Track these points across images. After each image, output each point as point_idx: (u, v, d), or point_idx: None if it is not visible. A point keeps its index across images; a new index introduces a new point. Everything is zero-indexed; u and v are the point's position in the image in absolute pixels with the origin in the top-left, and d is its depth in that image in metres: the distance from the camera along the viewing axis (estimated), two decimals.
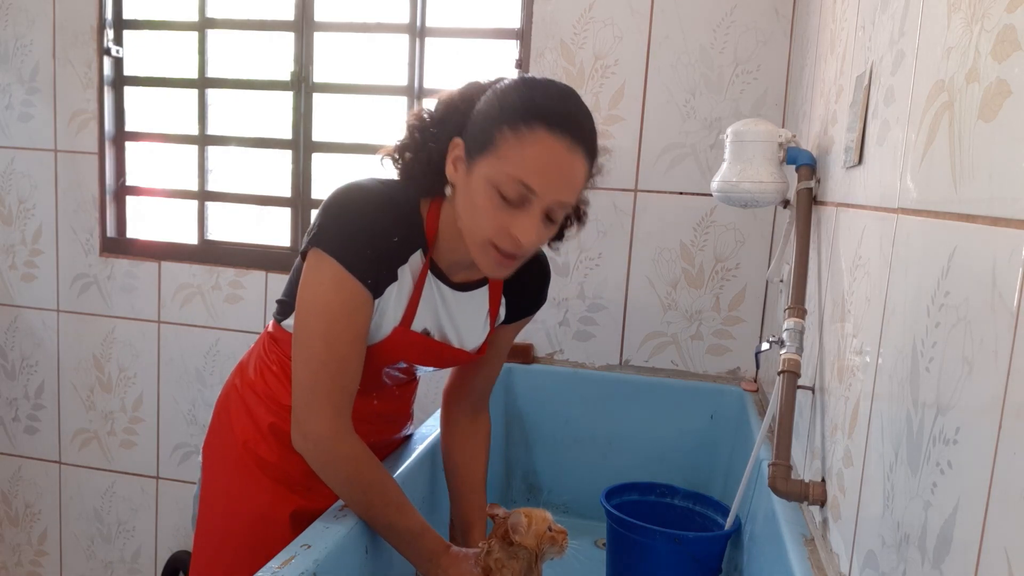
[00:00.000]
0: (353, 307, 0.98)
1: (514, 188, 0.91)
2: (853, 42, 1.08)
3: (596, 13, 1.86)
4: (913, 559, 0.63)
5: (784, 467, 0.98)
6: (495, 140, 0.92)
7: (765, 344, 1.21)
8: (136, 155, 2.28)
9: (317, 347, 0.98)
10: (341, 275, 0.97)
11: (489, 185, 0.92)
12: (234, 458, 1.15)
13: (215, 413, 1.22)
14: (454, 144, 0.98)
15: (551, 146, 0.91)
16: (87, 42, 2.16)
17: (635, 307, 1.92)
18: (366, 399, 1.15)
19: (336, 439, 1.00)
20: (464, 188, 0.97)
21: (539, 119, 0.90)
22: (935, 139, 0.65)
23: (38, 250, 2.28)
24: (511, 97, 0.93)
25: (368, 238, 0.98)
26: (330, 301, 0.97)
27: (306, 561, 0.89)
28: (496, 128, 0.92)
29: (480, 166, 0.93)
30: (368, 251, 0.98)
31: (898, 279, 0.75)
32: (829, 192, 1.16)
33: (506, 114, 0.92)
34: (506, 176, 0.91)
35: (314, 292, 0.99)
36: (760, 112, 1.80)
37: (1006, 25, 0.52)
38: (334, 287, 0.97)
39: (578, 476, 1.86)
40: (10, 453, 2.40)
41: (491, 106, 0.94)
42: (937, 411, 0.60)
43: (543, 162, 0.91)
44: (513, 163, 0.91)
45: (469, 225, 0.97)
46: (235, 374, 1.22)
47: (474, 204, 0.95)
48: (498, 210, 0.93)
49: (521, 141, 0.90)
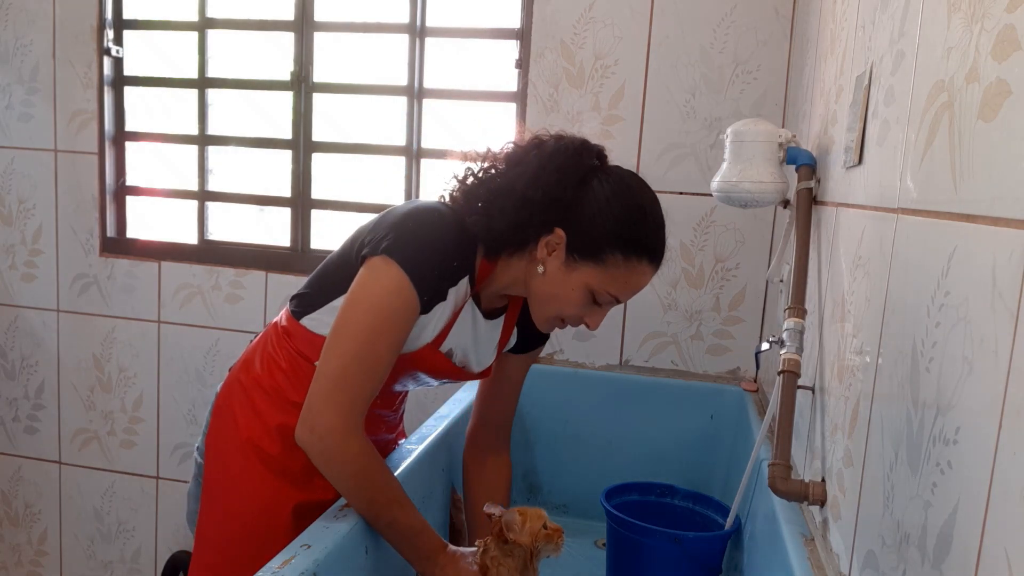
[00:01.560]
0: (404, 315, 1.02)
1: (608, 300, 1.09)
2: (853, 42, 1.08)
3: (596, 13, 1.86)
4: (913, 559, 0.63)
5: (784, 467, 0.98)
6: (605, 258, 1.05)
7: (765, 344, 1.21)
8: (136, 155, 2.28)
9: (357, 341, 1.00)
10: (403, 282, 1.01)
11: (587, 290, 1.07)
12: (237, 453, 1.16)
13: (216, 408, 1.22)
14: (556, 233, 1.06)
15: (648, 275, 1.09)
16: (87, 42, 2.16)
17: (635, 307, 1.92)
18: None
19: (345, 433, 1.00)
20: (557, 279, 1.08)
21: (648, 255, 1.07)
22: (935, 139, 0.65)
23: (38, 250, 2.28)
24: (630, 225, 1.05)
25: (436, 257, 1.04)
26: (385, 303, 1.01)
27: (306, 561, 0.89)
28: (609, 247, 1.05)
29: (583, 271, 1.06)
30: (434, 270, 1.04)
31: (898, 279, 0.75)
32: (829, 192, 1.16)
33: (622, 241, 1.05)
34: (605, 291, 1.07)
35: (371, 290, 1.02)
36: (760, 112, 1.80)
37: (1006, 25, 0.52)
38: (393, 290, 1.01)
39: (578, 476, 1.86)
40: (10, 453, 2.40)
41: (608, 220, 1.04)
42: (937, 411, 0.60)
43: (639, 287, 1.10)
44: (615, 284, 1.07)
45: (550, 306, 1.10)
46: (239, 368, 1.22)
47: (565, 296, 1.08)
48: (585, 306, 1.10)
49: (629, 270, 1.06)
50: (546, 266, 1.08)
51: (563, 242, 1.06)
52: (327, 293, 1.12)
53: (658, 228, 1.09)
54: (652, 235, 1.08)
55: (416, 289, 1.02)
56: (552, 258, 1.07)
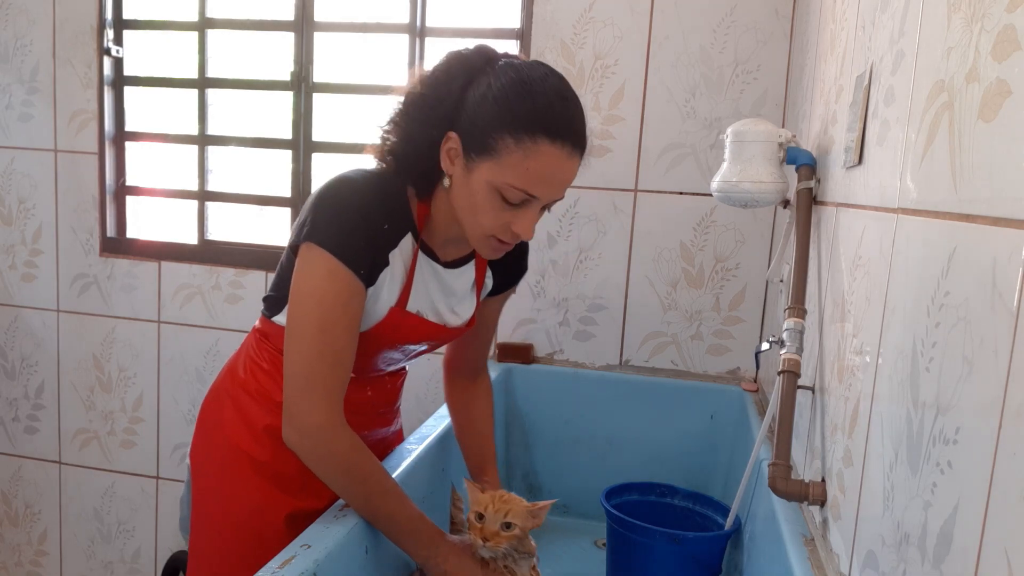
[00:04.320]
0: (347, 297, 0.99)
1: (517, 195, 0.97)
2: (853, 42, 1.08)
3: (596, 13, 1.86)
4: (913, 559, 0.62)
5: (784, 467, 0.98)
6: (497, 147, 0.95)
7: (765, 344, 1.21)
8: (136, 155, 2.28)
9: (312, 338, 0.98)
10: (334, 266, 0.98)
11: (491, 188, 0.97)
12: (226, 461, 1.15)
13: (202, 417, 1.21)
14: (449, 138, 0.99)
15: (553, 156, 0.95)
16: (87, 42, 2.16)
17: (635, 307, 1.92)
18: (360, 390, 1.16)
19: (331, 430, 0.99)
20: (463, 185, 1.00)
21: (542, 130, 0.94)
22: (935, 139, 0.65)
23: (38, 250, 2.28)
24: (512, 104, 0.94)
25: (359, 229, 0.99)
26: (325, 292, 0.98)
27: (306, 561, 0.89)
28: (498, 135, 0.94)
29: (481, 170, 0.97)
30: (360, 242, 0.99)
31: (898, 279, 0.75)
32: (829, 192, 1.16)
33: (507, 122, 0.94)
34: (508, 185, 0.96)
35: (308, 284, 0.99)
36: (760, 112, 1.80)
37: (1006, 25, 0.52)
38: (328, 278, 0.98)
39: (578, 476, 1.86)
40: (10, 453, 2.40)
41: (490, 109, 0.95)
42: (937, 411, 0.60)
43: (545, 172, 0.96)
44: (516, 174, 0.95)
45: (469, 220, 1.02)
46: (223, 377, 1.21)
47: (475, 203, 0.99)
48: (500, 210, 0.99)
49: (524, 153, 0.94)
50: (452, 177, 1.01)
51: (458, 144, 0.98)
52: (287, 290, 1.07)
53: (551, 100, 0.95)
54: (542, 109, 0.94)
55: (349, 267, 0.98)
56: (456, 167, 1.00)
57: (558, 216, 1.93)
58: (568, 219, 1.92)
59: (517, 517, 1.04)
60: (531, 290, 1.96)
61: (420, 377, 2.02)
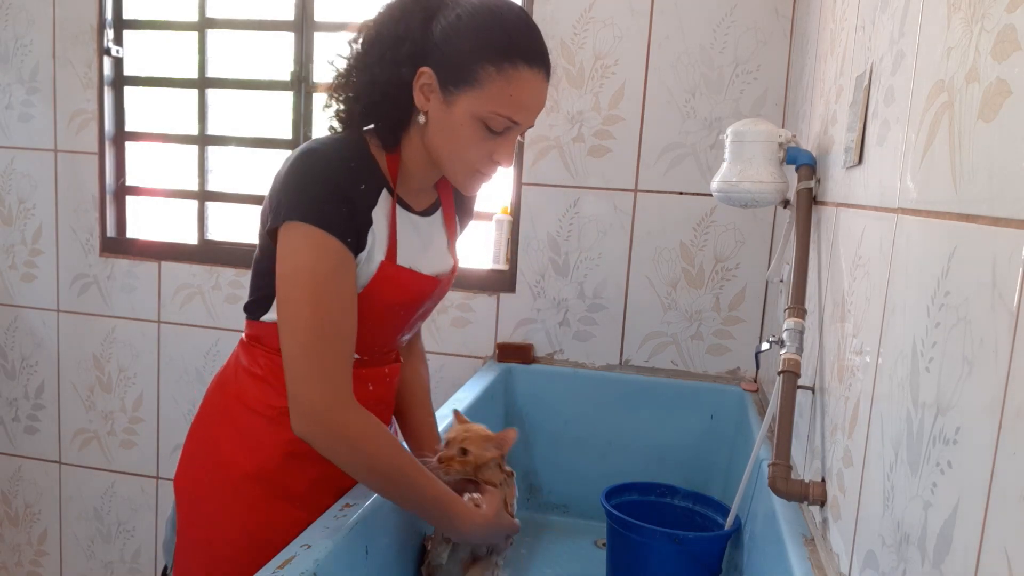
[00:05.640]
0: (337, 266, 0.96)
1: (501, 123, 0.98)
2: (853, 42, 1.08)
3: (596, 13, 1.86)
4: (913, 559, 0.62)
5: (784, 467, 0.98)
6: (478, 77, 0.95)
7: (765, 344, 1.21)
8: (136, 155, 2.28)
9: (305, 315, 0.94)
10: (320, 238, 0.94)
11: (475, 119, 0.97)
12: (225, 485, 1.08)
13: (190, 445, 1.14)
14: (422, 73, 0.98)
15: (532, 81, 0.98)
16: (87, 42, 2.16)
17: (635, 307, 1.92)
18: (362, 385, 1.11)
19: (341, 411, 0.95)
20: (442, 120, 0.99)
21: (521, 58, 0.96)
22: (935, 139, 0.65)
23: (38, 250, 2.28)
24: (489, 32, 0.96)
25: (337, 195, 0.96)
26: (314, 266, 0.94)
27: (306, 561, 0.89)
28: (478, 64, 0.95)
29: (462, 102, 0.97)
30: (342, 208, 0.96)
31: (898, 279, 0.75)
32: (829, 192, 1.16)
33: (487, 51, 0.95)
34: (493, 113, 0.97)
35: (295, 262, 0.95)
36: (760, 112, 1.80)
37: (1006, 25, 0.52)
38: (315, 252, 0.94)
39: (578, 476, 1.86)
40: (10, 453, 2.40)
41: (465, 40, 0.96)
42: (937, 411, 0.60)
43: (527, 98, 0.98)
44: (500, 101, 0.96)
45: (451, 155, 1.01)
46: (211, 398, 1.14)
47: (457, 136, 0.99)
48: (483, 141, 0.99)
49: (507, 80, 0.96)
50: (429, 114, 1.00)
51: (433, 79, 0.97)
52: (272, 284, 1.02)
53: (522, 27, 0.98)
54: (517, 36, 0.97)
55: (336, 235, 0.95)
56: (432, 102, 0.99)
57: (558, 216, 1.93)
58: (568, 219, 1.92)
59: (473, 444, 1.13)
60: (531, 290, 1.96)
61: None
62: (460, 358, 2.02)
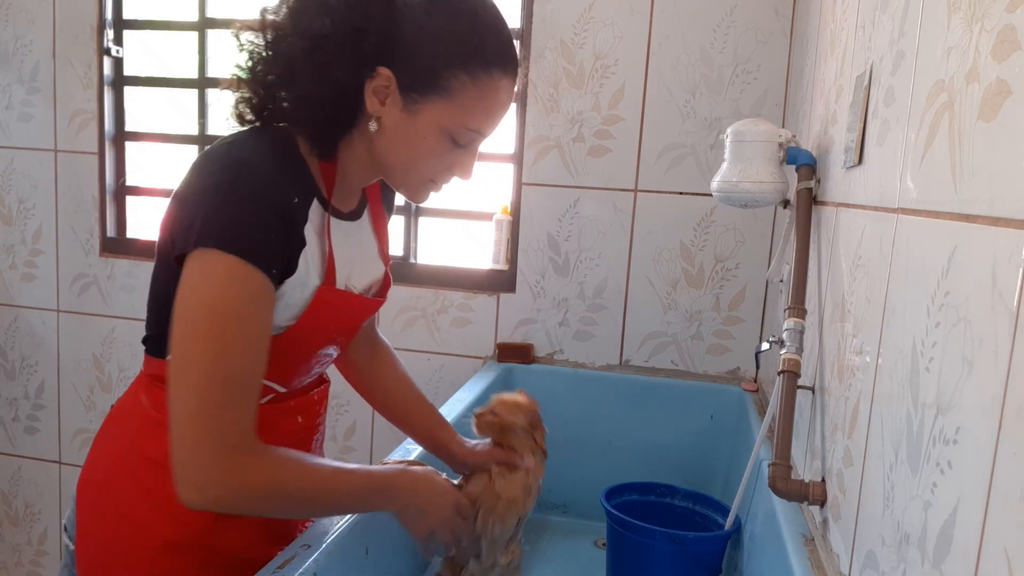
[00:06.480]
0: (252, 304, 0.79)
1: (469, 136, 0.88)
2: (853, 42, 1.08)
3: (596, 13, 1.86)
4: (913, 559, 0.63)
5: (784, 467, 0.98)
6: (449, 85, 0.84)
7: (765, 344, 1.21)
8: (136, 155, 2.28)
9: (207, 359, 0.77)
10: (238, 269, 0.77)
11: (440, 131, 0.86)
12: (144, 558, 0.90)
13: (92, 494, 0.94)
14: (378, 74, 0.83)
15: (508, 91, 0.89)
16: (87, 42, 2.16)
17: (635, 307, 1.92)
18: (289, 418, 0.99)
19: (242, 468, 0.78)
20: (400, 130, 0.86)
21: (497, 65, 0.85)
22: (935, 139, 0.65)
23: (38, 250, 2.28)
24: (461, 36, 0.84)
25: (270, 218, 0.80)
26: (219, 302, 0.77)
27: (306, 561, 0.89)
28: (448, 71, 0.83)
29: (429, 111, 0.85)
30: (272, 234, 0.80)
31: (898, 279, 0.75)
32: (829, 192, 1.16)
33: (459, 57, 0.83)
34: (461, 126, 0.86)
35: (200, 296, 0.78)
36: (760, 112, 1.80)
37: (1006, 25, 0.52)
38: (224, 284, 0.77)
39: (578, 476, 1.86)
40: (10, 453, 2.40)
41: (437, 40, 0.83)
42: (937, 411, 0.60)
43: (500, 109, 0.89)
44: (472, 114, 0.86)
45: (406, 165, 0.89)
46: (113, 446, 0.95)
47: (417, 149, 0.87)
48: (446, 153, 0.89)
49: (481, 90, 0.85)
50: (383, 120, 0.86)
51: (392, 83, 0.84)
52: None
53: (499, 29, 0.87)
54: (494, 39, 0.86)
55: (260, 266, 0.78)
56: (387, 107, 0.85)
57: (558, 216, 1.93)
58: (568, 219, 1.92)
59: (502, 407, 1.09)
60: (531, 290, 1.96)
61: (418, 377, 2.02)
62: (460, 358, 2.02)
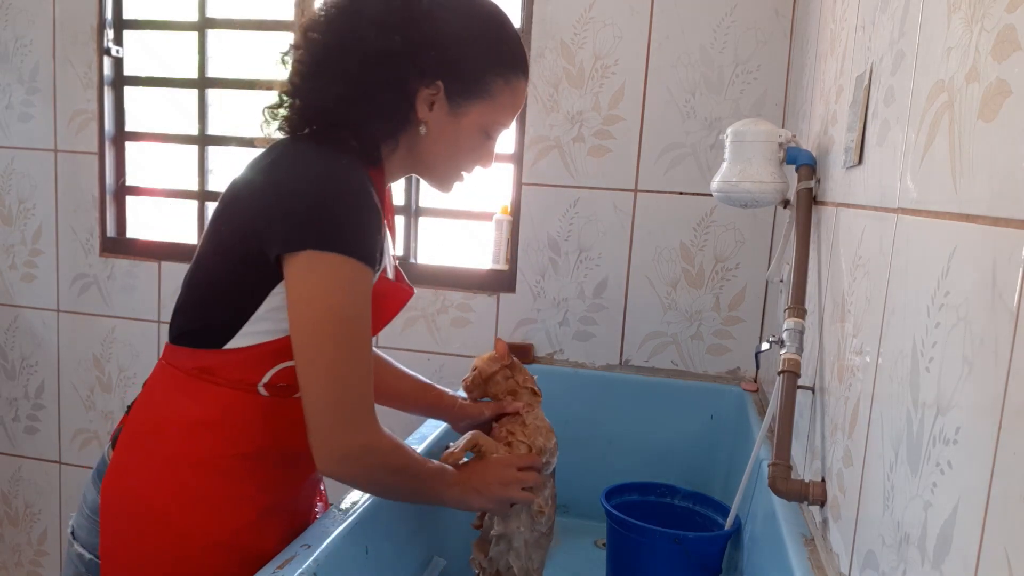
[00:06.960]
0: (365, 297, 0.89)
1: (500, 130, 1.03)
2: (853, 42, 1.08)
3: (596, 13, 1.86)
4: (913, 559, 0.62)
5: (784, 467, 0.98)
6: (491, 88, 0.98)
7: (765, 344, 1.21)
8: (136, 155, 2.28)
9: (341, 353, 0.86)
10: (355, 272, 0.86)
11: (480, 130, 1.00)
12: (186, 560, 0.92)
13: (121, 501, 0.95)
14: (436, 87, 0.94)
15: (524, 91, 1.03)
16: (87, 42, 2.16)
17: (635, 307, 1.92)
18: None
19: (378, 442, 0.91)
20: (447, 131, 0.99)
21: (522, 67, 1.01)
22: (935, 139, 0.65)
23: (38, 250, 2.28)
24: (497, 45, 0.98)
25: (373, 222, 0.89)
26: (346, 300, 0.86)
27: (306, 561, 0.89)
28: (491, 77, 0.97)
29: (473, 113, 0.98)
30: (378, 234, 0.90)
31: (898, 279, 0.75)
32: (829, 192, 1.16)
33: (497, 63, 0.98)
34: (497, 123, 1.01)
35: (326, 296, 0.85)
36: (760, 112, 1.80)
37: (1006, 25, 0.52)
38: (348, 283, 0.86)
39: (578, 476, 1.85)
40: (10, 453, 2.40)
41: (476, 52, 0.96)
42: (937, 411, 0.60)
43: (519, 106, 1.04)
44: (506, 111, 1.01)
45: (447, 162, 1.02)
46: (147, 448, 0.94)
47: (459, 145, 1.01)
48: (480, 147, 1.03)
49: (513, 91, 1.00)
50: (430, 125, 0.96)
51: (440, 90, 0.95)
52: (238, 307, 0.92)
53: (517, 34, 1.01)
54: (518, 47, 1.00)
55: (366, 263, 0.87)
56: (435, 112, 0.96)
57: (558, 216, 1.93)
58: (568, 219, 1.92)
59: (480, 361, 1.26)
60: (531, 290, 1.96)
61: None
62: (460, 358, 2.02)
